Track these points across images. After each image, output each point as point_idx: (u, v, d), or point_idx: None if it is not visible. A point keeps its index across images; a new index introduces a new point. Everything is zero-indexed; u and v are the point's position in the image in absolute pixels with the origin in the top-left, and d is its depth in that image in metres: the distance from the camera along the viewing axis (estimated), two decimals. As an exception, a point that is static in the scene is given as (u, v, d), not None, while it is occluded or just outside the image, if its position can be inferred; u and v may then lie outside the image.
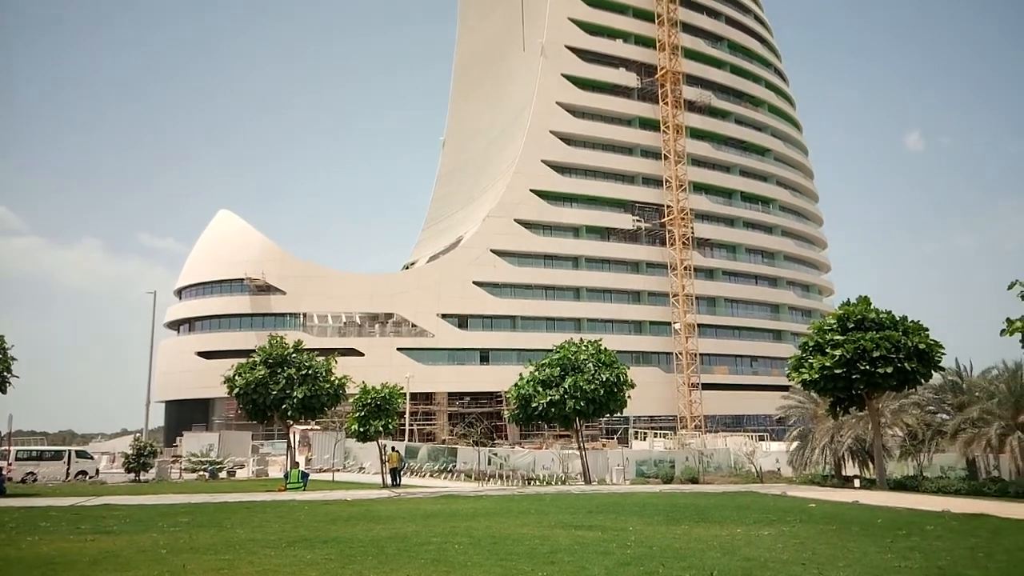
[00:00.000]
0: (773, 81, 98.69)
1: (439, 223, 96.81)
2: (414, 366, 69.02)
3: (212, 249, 76.47)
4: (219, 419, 71.35)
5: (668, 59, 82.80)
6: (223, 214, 78.90)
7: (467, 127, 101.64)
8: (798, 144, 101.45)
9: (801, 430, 36.18)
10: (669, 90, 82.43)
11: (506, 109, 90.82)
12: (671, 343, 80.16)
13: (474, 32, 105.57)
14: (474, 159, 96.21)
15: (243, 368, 33.44)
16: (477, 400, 74.06)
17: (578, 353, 35.05)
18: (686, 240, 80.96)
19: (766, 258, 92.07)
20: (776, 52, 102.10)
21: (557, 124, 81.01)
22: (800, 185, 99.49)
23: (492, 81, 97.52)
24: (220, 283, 74.01)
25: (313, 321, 72.64)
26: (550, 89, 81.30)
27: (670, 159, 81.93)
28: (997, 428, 27.65)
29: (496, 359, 74.61)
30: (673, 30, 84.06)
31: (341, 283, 74.04)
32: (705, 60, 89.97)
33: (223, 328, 72.96)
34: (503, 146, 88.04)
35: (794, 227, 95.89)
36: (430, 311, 73.74)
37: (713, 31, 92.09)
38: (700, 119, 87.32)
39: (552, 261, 79.84)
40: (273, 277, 72.08)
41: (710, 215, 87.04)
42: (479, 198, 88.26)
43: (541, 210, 79.13)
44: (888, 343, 26.12)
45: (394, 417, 33.59)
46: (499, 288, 76.71)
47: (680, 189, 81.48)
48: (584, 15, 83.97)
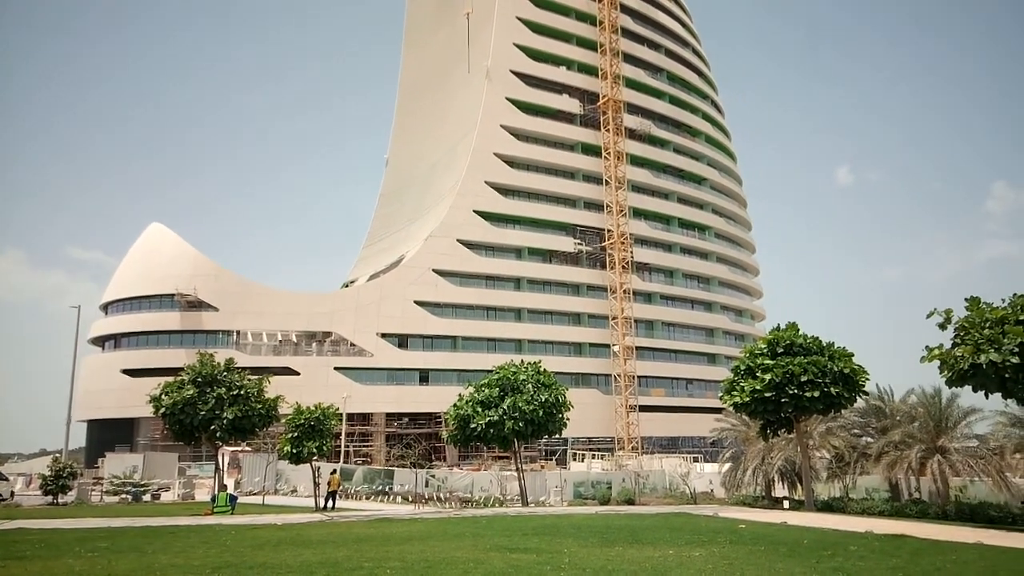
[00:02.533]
0: (710, 113, 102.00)
1: (381, 241, 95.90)
2: (352, 386, 67.84)
3: (142, 263, 73.70)
4: (144, 440, 68.36)
5: (610, 87, 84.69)
6: (155, 227, 76.30)
7: (411, 146, 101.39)
8: (733, 174, 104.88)
9: (734, 452, 37.03)
10: (611, 118, 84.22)
11: (450, 130, 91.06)
12: (610, 365, 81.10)
13: (419, 52, 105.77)
14: (418, 178, 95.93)
15: (170, 387, 32.20)
16: (416, 421, 73.18)
17: (517, 374, 35.12)
18: (625, 264, 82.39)
19: (702, 283, 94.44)
20: (713, 85, 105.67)
21: (501, 147, 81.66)
22: (735, 213, 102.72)
23: (437, 101, 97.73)
24: (149, 298, 71.31)
25: (247, 339, 70.64)
26: (495, 112, 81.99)
27: (611, 185, 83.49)
28: (918, 451, 28.84)
29: (436, 379, 74.00)
30: (615, 60, 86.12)
31: (278, 301, 72.36)
32: (645, 90, 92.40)
33: (151, 345, 70.22)
34: (447, 167, 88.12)
35: (729, 254, 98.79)
36: (369, 330, 72.72)
37: (654, 62, 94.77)
38: (640, 147, 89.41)
39: (494, 282, 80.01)
40: (206, 293, 69.90)
41: (649, 240, 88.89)
42: (422, 217, 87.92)
43: (484, 231, 79.36)
44: (815, 368, 27.05)
45: (329, 438, 32.81)
46: (440, 308, 76.34)
47: (620, 214, 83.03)
48: (529, 41, 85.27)
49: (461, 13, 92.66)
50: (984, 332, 21.15)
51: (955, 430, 29.60)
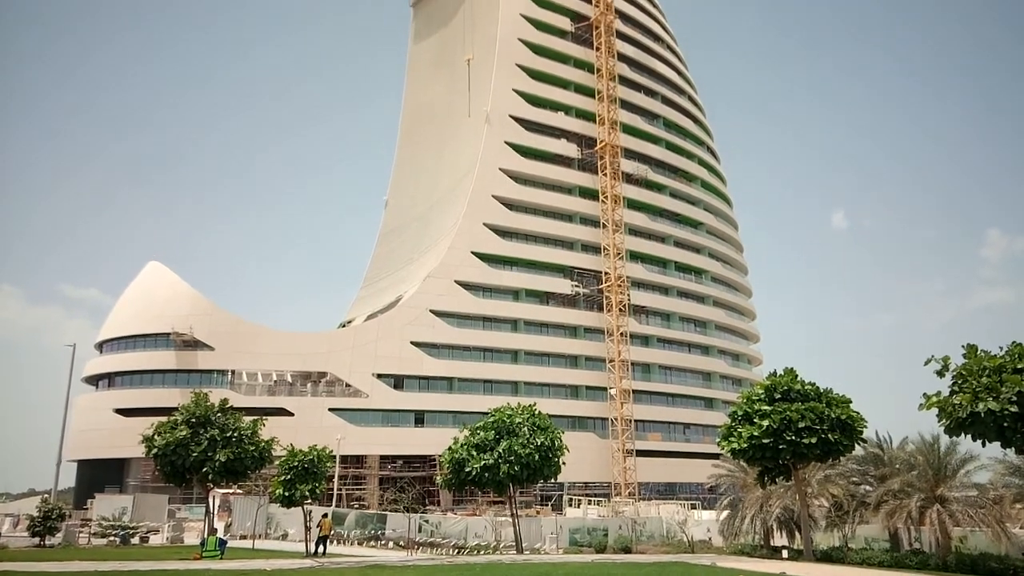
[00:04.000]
0: (706, 158, 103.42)
1: (379, 282, 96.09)
2: (346, 427, 67.23)
3: (139, 301, 73.60)
4: (134, 481, 67.33)
5: (607, 133, 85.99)
6: (153, 266, 76.41)
7: (411, 188, 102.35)
8: (729, 219, 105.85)
9: (731, 499, 36.54)
10: (608, 162, 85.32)
11: (450, 172, 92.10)
12: (606, 408, 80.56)
13: (421, 96, 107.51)
14: (416, 219, 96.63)
15: (163, 427, 31.89)
16: (410, 464, 72.34)
17: (513, 417, 34.83)
18: (623, 307, 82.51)
19: (698, 327, 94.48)
20: (709, 131, 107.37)
21: (500, 189, 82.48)
22: (731, 258, 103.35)
23: (437, 144, 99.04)
24: (145, 337, 71.03)
25: (242, 379, 70.17)
26: (494, 155, 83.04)
27: (608, 228, 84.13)
28: (917, 500, 28.49)
29: (431, 421, 73.38)
30: (612, 106, 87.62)
31: (273, 340, 72.12)
32: (642, 136, 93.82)
33: (145, 384, 69.69)
34: (446, 208, 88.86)
35: (725, 298, 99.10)
36: (365, 371, 72.35)
37: (650, 109, 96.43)
38: (637, 191, 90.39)
39: (491, 323, 79.97)
40: (202, 332, 69.67)
41: (646, 283, 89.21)
42: (420, 258, 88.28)
43: (482, 272, 79.63)
44: (813, 414, 26.91)
45: (322, 481, 32.38)
46: (437, 349, 76.12)
47: (617, 257, 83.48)
48: (528, 87, 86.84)
49: (462, 59, 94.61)
50: (982, 380, 21.14)
51: (954, 479, 29.30)
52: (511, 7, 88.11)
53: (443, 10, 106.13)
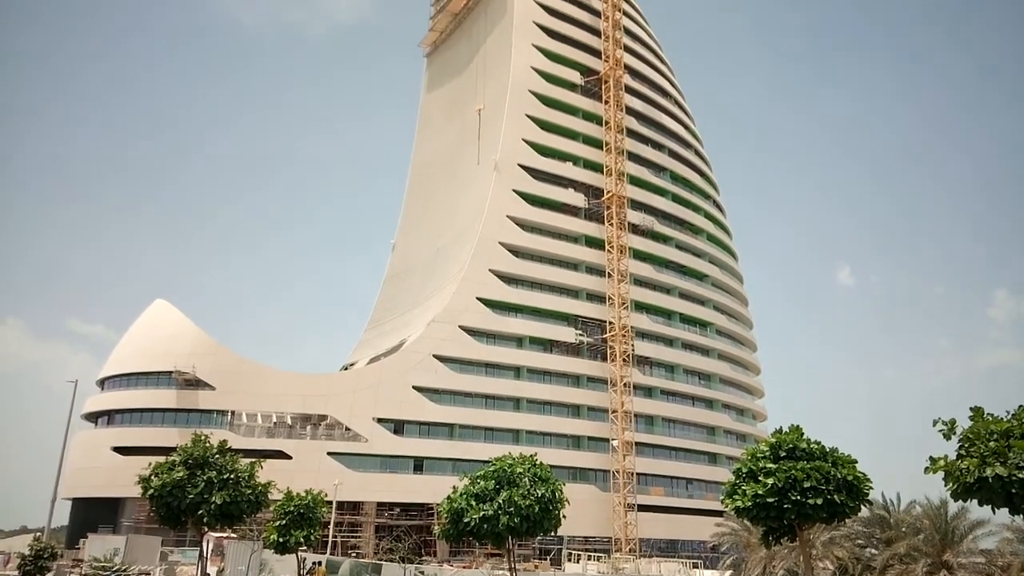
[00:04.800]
0: (712, 211, 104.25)
1: (383, 325, 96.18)
2: (344, 472, 66.43)
3: (143, 339, 73.69)
4: (128, 521, 66.35)
5: (614, 184, 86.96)
6: (159, 304, 76.70)
7: (418, 232, 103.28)
8: (734, 272, 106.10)
9: (735, 559, 35.85)
10: (614, 212, 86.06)
11: (457, 218, 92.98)
12: (608, 460, 79.50)
13: (431, 143, 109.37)
14: (423, 264, 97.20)
15: (161, 468, 31.53)
16: (407, 512, 71.20)
17: (514, 466, 34.38)
18: (627, 357, 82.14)
19: (703, 380, 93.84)
20: (715, 185, 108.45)
21: (506, 236, 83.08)
22: (736, 311, 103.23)
23: (445, 190, 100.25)
24: (147, 375, 70.88)
25: (241, 420, 69.69)
26: (501, 203, 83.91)
27: (614, 277, 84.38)
28: (924, 566, 27.92)
29: (430, 468, 72.48)
30: (620, 158, 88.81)
31: (275, 381, 71.86)
32: (649, 187, 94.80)
33: (144, 423, 69.27)
34: (452, 254, 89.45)
35: (730, 351, 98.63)
36: (366, 415, 71.84)
37: (657, 162, 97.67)
38: (643, 242, 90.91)
39: (494, 370, 79.63)
40: (204, 371, 69.51)
41: (650, 334, 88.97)
42: (425, 303, 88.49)
43: (486, 318, 79.64)
44: (819, 474, 26.46)
45: (317, 527, 31.92)
46: (439, 394, 75.66)
47: (623, 307, 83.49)
48: (537, 137, 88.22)
49: (473, 108, 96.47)
50: (989, 444, 20.84)
51: (961, 544, 28.73)
52: (522, 60, 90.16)
53: (456, 61, 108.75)
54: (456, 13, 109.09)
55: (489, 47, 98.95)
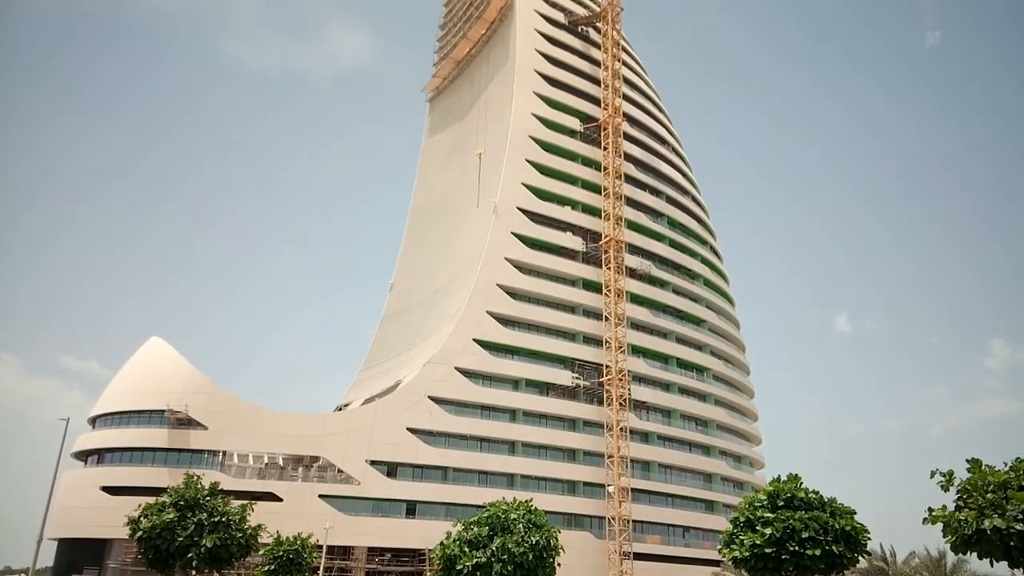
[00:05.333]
0: (708, 257, 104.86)
1: (379, 365, 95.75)
2: (335, 515, 65.39)
3: (137, 377, 73.19)
4: (115, 563, 64.98)
5: (612, 228, 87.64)
6: (154, 341, 76.40)
7: (416, 273, 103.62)
8: (731, 318, 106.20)
9: (732, 611, 35.10)
10: (612, 257, 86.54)
11: (455, 259, 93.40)
12: (604, 507, 78.37)
13: (432, 185, 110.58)
14: (420, 304, 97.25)
15: (151, 509, 31.16)
16: (399, 558, 69.87)
17: (508, 512, 33.97)
18: (623, 401, 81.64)
19: (700, 426, 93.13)
20: (711, 231, 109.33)
21: (504, 278, 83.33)
22: (733, 357, 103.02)
23: (445, 232, 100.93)
24: (139, 413, 70.17)
25: (232, 460, 68.81)
26: (500, 245, 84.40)
27: (611, 321, 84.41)
28: (923, 619, 27.39)
29: (423, 512, 71.36)
30: (618, 203, 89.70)
31: (268, 421, 71.17)
32: (646, 232, 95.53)
33: (135, 462, 68.30)
34: (449, 294, 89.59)
35: (727, 397, 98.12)
36: (359, 456, 70.99)
37: (655, 207, 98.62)
38: (640, 286, 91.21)
39: (489, 412, 79.02)
40: (197, 411, 68.88)
41: (647, 378, 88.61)
42: (421, 343, 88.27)
43: (482, 360, 79.35)
44: (817, 524, 26.25)
45: (306, 573, 31.32)
46: (433, 437, 74.91)
47: (619, 351, 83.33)
48: (537, 182, 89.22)
49: (474, 152, 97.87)
50: (987, 496, 20.76)
51: (963, 599, 28.24)
52: (523, 106, 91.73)
53: (458, 107, 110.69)
54: (459, 60, 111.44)
55: (491, 93, 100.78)
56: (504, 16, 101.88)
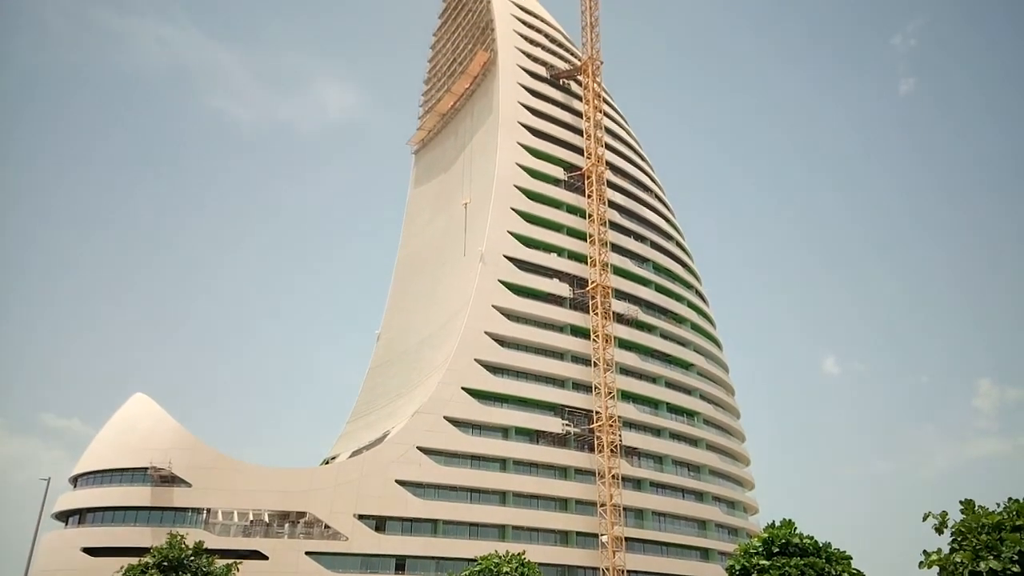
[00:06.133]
0: (694, 301, 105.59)
1: (367, 416, 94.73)
2: (322, 573, 63.91)
3: (120, 434, 71.82)
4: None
5: (598, 274, 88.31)
6: (138, 397, 75.25)
7: (403, 322, 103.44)
8: (719, 361, 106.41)
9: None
10: (599, 302, 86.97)
11: (443, 308, 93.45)
12: (598, 557, 76.98)
13: (418, 236, 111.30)
14: (407, 354, 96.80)
15: (134, 571, 30.35)
16: (388, 616, 68.00)
17: (500, 566, 33.39)
18: (614, 448, 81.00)
19: (692, 471, 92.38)
20: (696, 275, 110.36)
21: (492, 326, 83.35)
22: (723, 400, 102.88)
23: (431, 281, 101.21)
24: (121, 471, 68.66)
25: (217, 518, 67.24)
26: (487, 293, 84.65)
27: (599, 367, 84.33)
28: (925, 667, 26.90)
29: (413, 568, 69.78)
30: (603, 249, 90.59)
31: (253, 477, 69.79)
32: (632, 278, 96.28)
33: (117, 522, 66.55)
34: (437, 344, 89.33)
35: (718, 441, 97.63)
36: (347, 511, 69.60)
37: (640, 253, 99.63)
38: (628, 331, 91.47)
39: (479, 462, 78.06)
40: (180, 467, 67.52)
41: (637, 424, 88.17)
42: (409, 393, 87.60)
43: (471, 409, 78.73)
44: (813, 571, 25.98)
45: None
46: (422, 488, 73.73)
47: (609, 396, 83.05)
48: (522, 229, 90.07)
49: (459, 202, 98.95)
50: (981, 538, 20.67)
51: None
52: (507, 156, 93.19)
53: (443, 158, 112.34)
54: (443, 113, 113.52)
55: (475, 144, 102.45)
56: (487, 71, 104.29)
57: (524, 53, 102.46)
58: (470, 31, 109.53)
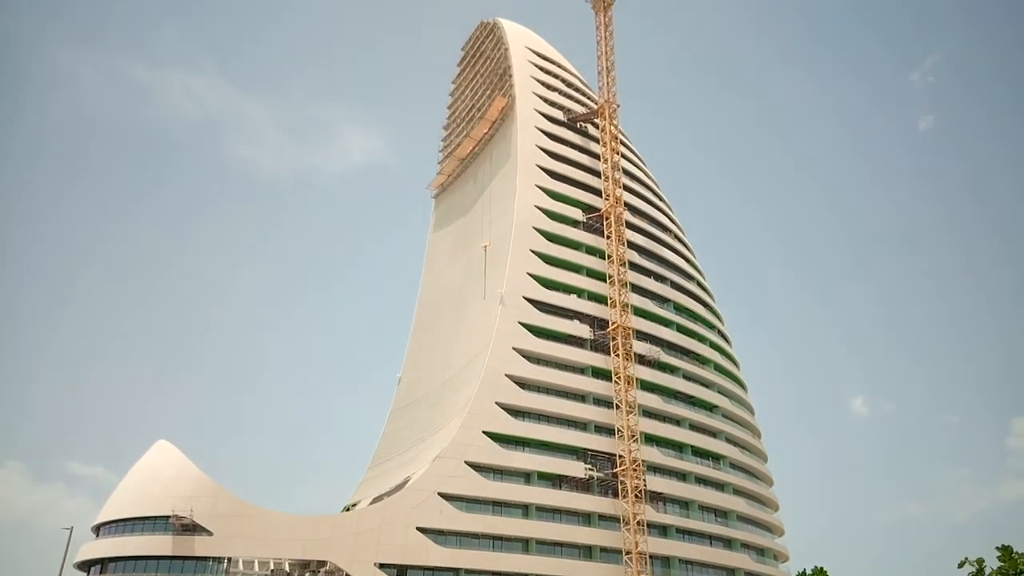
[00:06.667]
0: (717, 342, 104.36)
1: (388, 461, 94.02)
2: (344, 624, 62.56)
3: (143, 482, 71.79)
4: None
5: (619, 315, 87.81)
6: (161, 444, 75.41)
7: (424, 366, 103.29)
8: (745, 403, 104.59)
9: None
10: (620, 343, 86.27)
11: (463, 351, 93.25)
12: (624, 607, 74.82)
13: (438, 279, 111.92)
14: (429, 397, 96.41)
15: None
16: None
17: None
18: (639, 493, 79.33)
19: (719, 517, 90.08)
20: (718, 315, 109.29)
21: (513, 368, 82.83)
22: (749, 443, 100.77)
23: (452, 324, 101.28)
24: (143, 520, 68.38)
25: (238, 567, 66.39)
26: (507, 335, 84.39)
27: (622, 409, 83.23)
28: None
29: (435, 618, 68.30)
30: (623, 290, 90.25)
31: (274, 525, 69.09)
32: (653, 318, 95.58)
33: (139, 571, 65.95)
34: (458, 386, 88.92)
35: (746, 486, 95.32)
36: (367, 559, 68.52)
37: (660, 293, 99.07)
38: (650, 372, 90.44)
39: (501, 508, 76.76)
40: (202, 515, 67.16)
41: (662, 468, 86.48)
42: (430, 437, 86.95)
43: (493, 453, 77.77)
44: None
45: None
46: (444, 536, 72.55)
47: (632, 439, 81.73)
48: (542, 271, 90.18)
49: (479, 245, 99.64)
50: (1022, 589, 19.81)
51: None
52: (526, 199, 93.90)
53: (462, 202, 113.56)
54: (463, 158, 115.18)
55: (494, 188, 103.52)
56: (505, 116, 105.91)
57: (541, 98, 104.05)
58: (488, 77, 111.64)
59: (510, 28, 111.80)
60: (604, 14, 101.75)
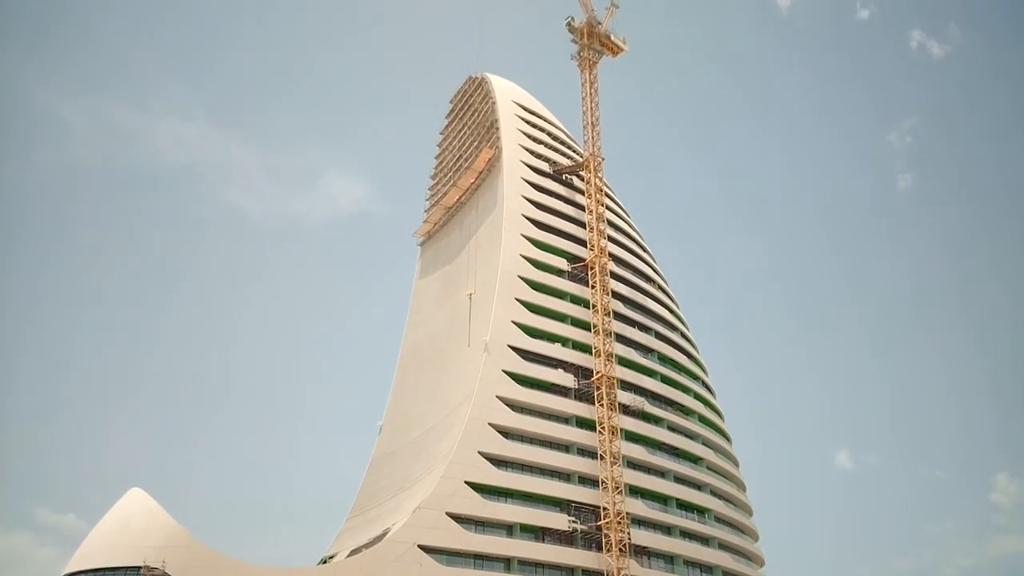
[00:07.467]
0: (701, 393, 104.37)
1: (367, 511, 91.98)
2: None
3: (114, 531, 69.47)
4: None
5: (603, 365, 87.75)
6: (134, 492, 73.21)
7: (406, 414, 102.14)
8: (729, 456, 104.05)
9: None
10: (604, 393, 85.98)
11: (446, 399, 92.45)
12: (608, 666, 72.74)
13: (422, 326, 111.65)
14: (410, 446, 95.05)
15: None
16: None
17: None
18: (623, 547, 77.97)
19: (704, 572, 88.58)
20: (703, 367, 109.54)
21: (496, 417, 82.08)
22: (734, 497, 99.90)
23: (435, 372, 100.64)
24: (114, 571, 65.91)
25: (209, 622, 64.21)
26: (491, 383, 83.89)
27: (606, 459, 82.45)
28: None
29: (413, 678, 65.90)
30: (608, 339, 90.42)
31: (249, 577, 67.04)
32: (638, 368, 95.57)
33: (102, 627, 63.62)
34: (440, 436, 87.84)
35: (731, 540, 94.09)
36: (344, 615, 66.43)
37: (644, 343, 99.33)
38: (634, 423, 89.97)
39: (483, 562, 74.99)
40: (175, 567, 64.94)
41: (647, 521, 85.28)
42: (411, 488, 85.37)
43: (475, 504, 76.36)
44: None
45: None
46: (423, 591, 70.56)
47: (616, 491, 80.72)
48: (527, 320, 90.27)
49: (464, 293, 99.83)
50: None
51: None
52: (512, 248, 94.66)
53: (448, 250, 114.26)
54: (449, 207, 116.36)
55: (480, 237, 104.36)
56: (492, 167, 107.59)
57: (527, 150, 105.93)
58: (476, 129, 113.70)
59: (498, 83, 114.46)
60: (589, 72, 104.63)
